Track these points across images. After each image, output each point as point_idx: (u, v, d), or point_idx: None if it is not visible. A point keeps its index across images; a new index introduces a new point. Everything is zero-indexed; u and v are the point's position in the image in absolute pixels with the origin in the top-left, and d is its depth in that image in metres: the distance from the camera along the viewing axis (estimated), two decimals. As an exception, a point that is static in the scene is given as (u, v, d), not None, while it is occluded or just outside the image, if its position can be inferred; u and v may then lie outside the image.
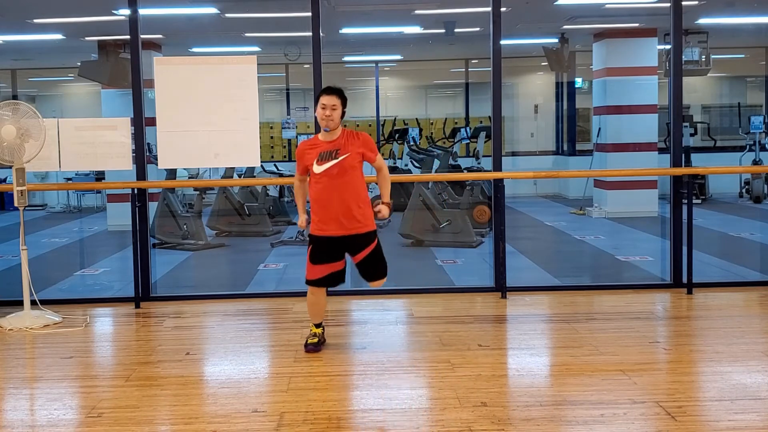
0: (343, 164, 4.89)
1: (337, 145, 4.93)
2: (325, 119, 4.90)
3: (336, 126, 4.94)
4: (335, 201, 4.88)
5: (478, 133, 13.23)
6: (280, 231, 11.39)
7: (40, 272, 7.41)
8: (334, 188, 4.88)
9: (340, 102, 4.95)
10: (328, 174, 4.88)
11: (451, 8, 9.74)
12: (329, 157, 4.90)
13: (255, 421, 3.98)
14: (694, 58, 11.84)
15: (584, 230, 11.14)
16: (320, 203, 4.93)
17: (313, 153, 4.96)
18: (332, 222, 4.91)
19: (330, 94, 4.95)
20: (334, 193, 4.88)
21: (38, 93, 18.05)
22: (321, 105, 4.93)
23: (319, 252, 4.99)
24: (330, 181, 4.88)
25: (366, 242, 4.98)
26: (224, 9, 9.29)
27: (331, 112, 4.91)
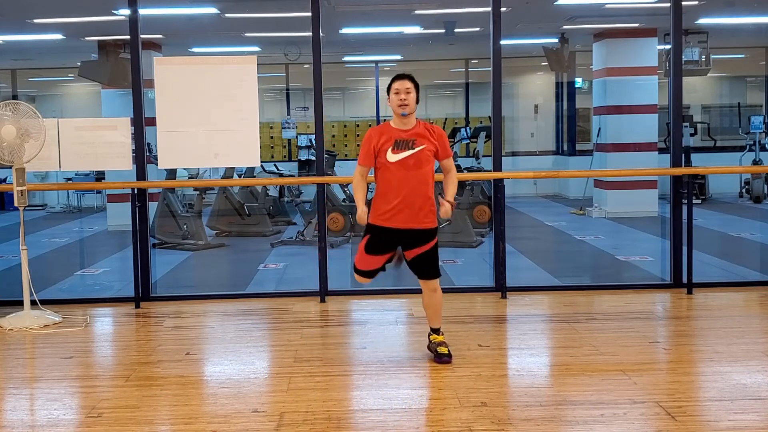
0: (420, 156, 4.69)
1: (414, 135, 4.73)
2: (401, 103, 4.70)
3: (413, 110, 4.75)
4: (408, 192, 4.67)
5: (478, 133, 13.24)
6: (280, 231, 11.40)
7: (40, 272, 7.41)
8: (408, 180, 4.67)
9: (413, 86, 4.77)
10: (403, 164, 4.67)
11: (451, 8, 9.74)
12: (405, 146, 4.69)
13: (255, 421, 3.98)
14: (694, 58, 11.85)
15: (584, 230, 11.14)
16: (391, 193, 4.69)
17: (386, 140, 4.72)
18: (400, 214, 4.69)
19: (401, 78, 4.78)
20: (407, 186, 4.66)
21: (38, 93, 18.05)
22: (394, 91, 4.74)
23: (378, 243, 4.77)
24: (405, 172, 4.66)
25: (427, 238, 4.79)
26: (224, 9, 9.29)
27: (406, 95, 4.72)
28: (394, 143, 4.69)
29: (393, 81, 4.79)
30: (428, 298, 4.91)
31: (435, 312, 4.93)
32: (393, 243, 4.79)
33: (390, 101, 4.78)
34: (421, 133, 4.74)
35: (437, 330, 4.96)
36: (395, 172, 4.67)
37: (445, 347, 4.87)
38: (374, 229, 4.78)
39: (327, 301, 6.64)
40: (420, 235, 4.76)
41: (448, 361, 4.80)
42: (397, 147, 4.69)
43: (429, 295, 4.90)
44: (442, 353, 4.84)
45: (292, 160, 16.20)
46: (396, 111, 4.74)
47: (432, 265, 4.85)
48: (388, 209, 4.70)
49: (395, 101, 4.73)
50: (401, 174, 4.66)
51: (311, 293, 6.82)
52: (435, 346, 4.90)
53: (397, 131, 4.75)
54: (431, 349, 4.93)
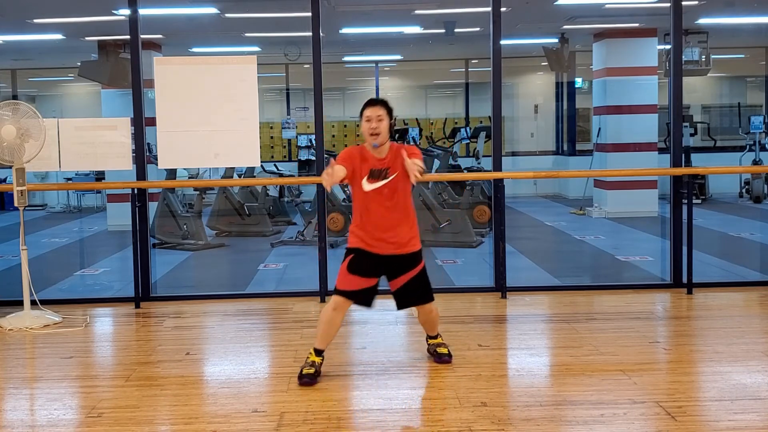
0: (394, 185, 4.53)
1: (387, 164, 4.54)
2: (372, 132, 4.48)
3: (384, 140, 4.51)
4: (384, 222, 4.54)
5: (478, 133, 13.24)
6: (280, 231, 11.40)
7: (40, 272, 7.41)
8: (384, 210, 4.54)
9: (385, 112, 4.53)
10: (378, 194, 4.52)
11: (451, 8, 9.74)
12: (380, 175, 4.52)
13: (255, 421, 3.98)
14: (694, 58, 11.84)
15: (584, 230, 11.14)
16: (367, 222, 4.57)
17: (363, 166, 4.54)
18: (381, 242, 4.56)
19: (373, 105, 4.55)
20: (383, 215, 4.54)
21: (38, 93, 18.05)
22: (365, 118, 4.52)
23: (360, 264, 4.58)
24: (381, 201, 4.53)
25: (412, 263, 4.63)
26: (224, 9, 9.29)
27: (377, 123, 4.48)
28: (369, 172, 4.53)
29: (365, 107, 4.58)
30: (424, 318, 4.84)
31: (432, 325, 4.90)
32: (377, 267, 4.60)
33: (362, 128, 4.56)
34: (392, 161, 4.55)
35: (435, 336, 4.95)
36: (370, 201, 4.54)
37: (445, 347, 4.88)
38: (356, 250, 4.61)
39: (327, 301, 6.62)
40: (403, 260, 4.62)
41: (449, 360, 4.80)
42: (372, 176, 4.53)
43: (425, 315, 4.82)
44: (443, 353, 4.84)
45: (292, 160, 16.21)
46: (367, 140, 4.55)
47: (424, 289, 4.70)
48: (367, 237, 4.57)
49: (366, 129, 4.52)
50: (376, 203, 4.54)
51: (311, 293, 6.83)
52: (434, 347, 4.89)
53: (372, 159, 4.56)
54: (431, 351, 4.91)
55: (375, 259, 4.59)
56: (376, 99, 4.62)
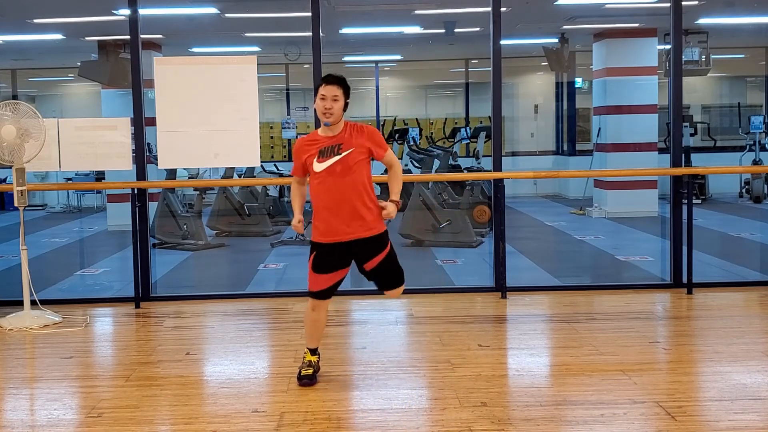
0: (347, 160, 4.32)
1: (339, 140, 4.37)
2: (326, 112, 4.33)
3: (337, 120, 4.38)
4: (340, 202, 4.34)
5: (478, 133, 13.24)
6: (280, 231, 11.39)
7: (40, 272, 7.41)
8: (338, 188, 4.33)
9: (342, 92, 4.37)
10: (330, 172, 4.33)
11: (451, 8, 9.74)
12: (331, 152, 4.34)
13: (255, 421, 3.98)
14: (694, 58, 11.84)
15: (584, 230, 11.14)
16: (323, 205, 4.39)
17: (312, 149, 4.39)
18: (338, 226, 4.36)
19: (330, 83, 4.36)
20: (337, 194, 4.33)
21: (38, 93, 18.05)
22: (320, 96, 4.35)
23: (324, 260, 4.43)
24: (333, 181, 4.32)
25: (378, 247, 4.43)
26: (224, 9, 9.29)
27: (332, 104, 4.33)
28: (318, 152, 4.37)
29: (320, 83, 4.40)
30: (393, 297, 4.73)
31: None
32: (343, 257, 4.43)
33: (315, 104, 4.40)
34: (347, 137, 4.39)
35: None
36: (324, 181, 4.35)
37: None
38: (318, 246, 4.45)
39: (327, 302, 6.62)
40: (368, 244, 4.41)
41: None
42: (322, 155, 4.35)
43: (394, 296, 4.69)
44: None
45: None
46: (320, 118, 4.39)
47: (395, 271, 4.51)
48: (325, 223, 4.41)
49: (320, 107, 4.35)
50: (330, 183, 4.34)
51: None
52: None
53: (323, 139, 4.41)
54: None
55: (339, 249, 4.40)
56: (333, 76, 4.42)
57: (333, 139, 4.40)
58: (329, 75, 4.43)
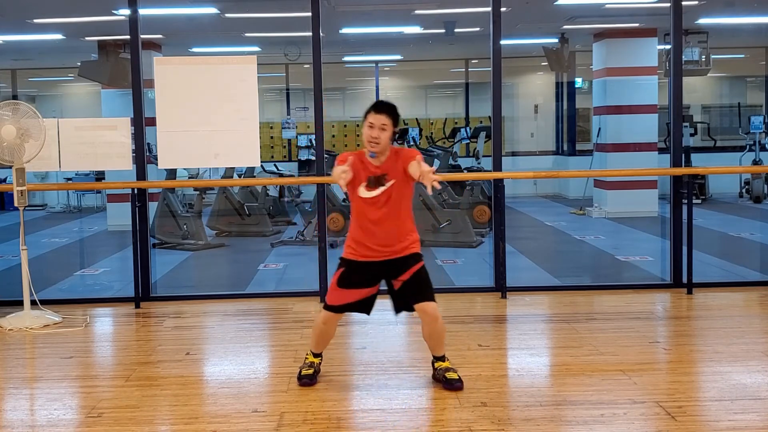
0: (391, 191, 4.25)
1: (385, 170, 4.27)
2: (372, 141, 4.20)
3: (383, 150, 4.24)
4: (380, 231, 4.29)
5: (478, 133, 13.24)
6: (280, 231, 11.40)
7: (40, 272, 7.41)
8: (381, 219, 4.27)
9: (390, 122, 4.22)
10: (374, 202, 4.26)
11: (451, 8, 9.74)
12: (377, 183, 4.26)
13: (255, 421, 3.98)
14: (694, 58, 11.84)
15: (584, 230, 11.14)
16: (362, 230, 4.31)
17: (362, 174, 4.28)
18: (377, 251, 4.31)
19: (379, 111, 4.22)
20: (380, 224, 4.28)
21: (38, 93, 18.05)
22: (368, 123, 4.21)
23: (352, 276, 4.36)
24: (378, 211, 4.26)
25: (412, 261, 4.34)
26: (224, 9, 9.29)
27: (379, 133, 4.19)
28: (367, 179, 4.28)
29: (370, 110, 4.26)
30: (429, 329, 4.37)
31: (439, 342, 4.43)
32: (373, 275, 4.36)
33: (363, 130, 4.27)
34: (391, 167, 4.27)
35: (442, 357, 4.49)
36: (368, 210, 4.29)
37: (455, 372, 4.40)
38: (348, 262, 4.38)
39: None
40: (401, 262, 4.34)
41: (460, 387, 4.32)
42: (370, 184, 4.28)
43: (429, 324, 4.34)
44: (452, 379, 4.36)
45: (292, 160, 16.21)
46: (365, 146, 4.26)
47: (425, 286, 4.33)
48: (361, 245, 4.33)
49: (366, 135, 4.22)
50: (374, 212, 4.27)
51: (311, 293, 6.83)
52: (443, 372, 4.41)
53: (370, 165, 4.30)
54: (438, 377, 4.44)
55: (370, 268, 4.34)
56: (383, 104, 4.29)
57: (379, 168, 4.29)
58: (380, 103, 4.31)
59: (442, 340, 4.44)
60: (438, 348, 4.46)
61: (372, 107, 4.27)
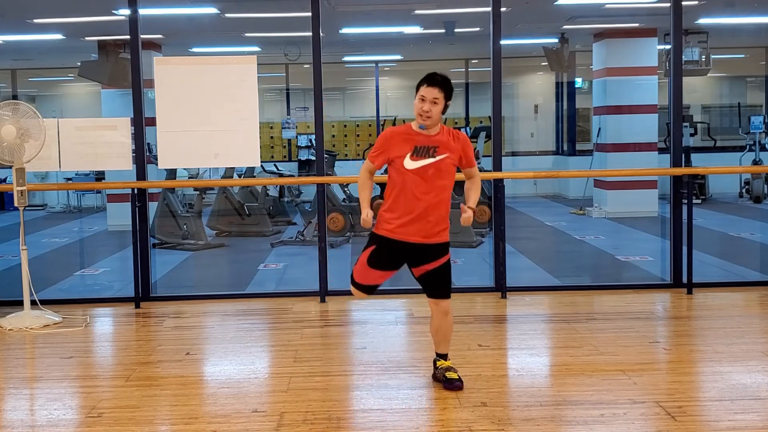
0: (441, 165, 4.19)
1: (436, 142, 4.19)
2: (423, 114, 4.13)
3: (435, 123, 4.19)
4: (423, 206, 4.19)
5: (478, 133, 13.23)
6: (280, 231, 11.40)
7: (40, 272, 7.41)
8: (425, 191, 4.18)
9: (443, 95, 4.14)
10: (422, 173, 4.16)
11: (451, 8, 9.74)
12: (425, 153, 4.16)
13: (255, 421, 3.98)
14: (694, 58, 11.85)
15: (584, 230, 11.14)
16: (405, 204, 4.19)
17: (406, 145, 4.17)
18: (413, 227, 4.19)
19: (432, 84, 4.13)
20: (424, 196, 4.18)
21: (38, 93, 18.05)
22: (419, 96, 4.15)
23: (383, 256, 4.27)
24: (423, 183, 4.16)
25: (438, 254, 4.30)
26: (224, 9, 9.29)
27: (431, 106, 4.12)
28: (413, 149, 4.17)
29: (422, 83, 4.18)
30: (438, 322, 4.39)
31: (444, 338, 4.44)
32: (400, 257, 4.30)
33: (414, 103, 4.20)
34: (444, 141, 4.22)
35: (444, 355, 4.48)
36: (412, 181, 4.17)
37: (455, 372, 4.39)
38: (381, 240, 4.27)
39: (327, 301, 6.63)
40: (431, 250, 4.28)
41: (460, 387, 4.32)
42: (417, 154, 4.16)
43: (439, 318, 4.37)
44: (452, 378, 4.35)
45: (292, 160, 16.21)
46: (416, 119, 4.21)
47: (444, 282, 4.34)
48: (399, 221, 4.21)
49: (417, 108, 4.16)
50: (418, 184, 4.17)
51: (311, 293, 6.83)
52: (443, 372, 4.41)
53: (418, 136, 4.21)
54: (439, 377, 4.43)
55: (400, 248, 4.25)
56: (436, 77, 4.18)
57: (429, 139, 4.21)
58: (433, 75, 4.19)
59: (448, 337, 4.46)
60: (444, 344, 4.47)
61: (425, 79, 4.18)
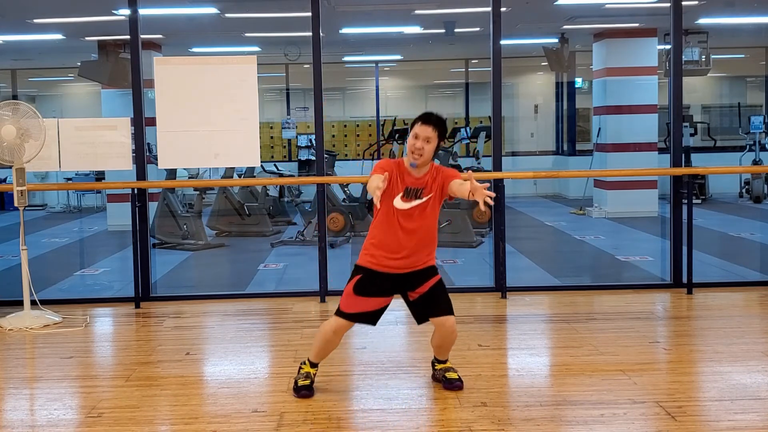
0: (425, 206, 4.19)
1: (422, 184, 4.19)
2: (415, 152, 4.12)
3: (425, 163, 4.17)
4: (406, 244, 4.20)
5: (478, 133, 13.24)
6: (280, 231, 11.40)
7: (40, 272, 7.41)
8: (409, 231, 4.19)
9: (436, 135, 4.13)
10: (407, 215, 4.17)
11: (451, 8, 9.74)
12: (414, 195, 4.18)
13: (255, 421, 3.98)
14: (694, 58, 11.84)
15: (584, 230, 11.14)
16: (387, 241, 4.21)
17: (400, 182, 4.18)
18: (396, 261, 4.22)
19: (426, 123, 4.13)
20: (410, 237, 4.19)
21: (38, 93, 18.06)
22: (413, 134, 4.15)
23: (369, 284, 4.25)
24: (409, 224, 4.18)
25: (430, 275, 4.32)
26: (224, 9, 9.29)
27: (423, 144, 4.11)
28: (404, 190, 4.18)
29: (417, 120, 4.18)
30: (443, 341, 4.38)
31: (447, 350, 4.45)
32: (389, 286, 4.28)
33: (408, 141, 4.21)
34: (429, 182, 4.20)
35: (443, 361, 4.50)
36: (399, 222, 4.18)
37: (454, 372, 4.42)
38: (365, 270, 4.26)
39: (327, 301, 6.63)
40: (419, 274, 4.29)
41: (460, 386, 4.33)
42: (406, 195, 4.17)
43: (446, 338, 4.35)
44: (452, 378, 4.38)
45: (292, 160, 16.21)
46: (408, 156, 4.20)
47: (444, 297, 4.32)
48: (383, 255, 4.22)
49: (410, 146, 4.16)
50: (405, 225, 4.18)
51: (311, 293, 6.83)
52: (443, 372, 4.43)
53: (410, 176, 4.20)
54: (438, 377, 4.45)
55: (387, 278, 4.26)
56: (431, 116, 4.18)
57: (417, 180, 4.21)
58: (429, 115, 4.19)
59: (450, 348, 4.46)
60: (444, 354, 4.48)
61: (420, 118, 4.19)
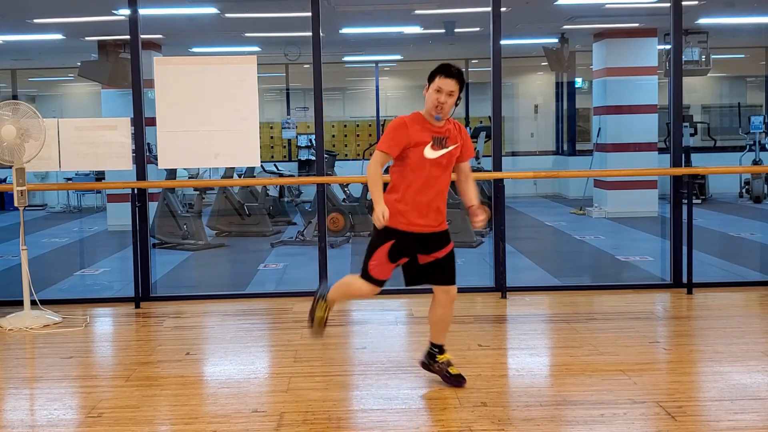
0: (451, 155, 4.23)
1: (446, 133, 4.22)
2: (439, 106, 4.14)
3: (447, 115, 4.25)
4: (436, 195, 4.21)
5: (478, 133, 13.25)
6: (280, 231, 11.40)
7: (40, 272, 7.41)
8: (438, 180, 4.19)
9: (458, 88, 4.16)
10: (437, 163, 4.17)
11: (451, 8, 9.74)
12: (441, 144, 4.19)
13: (255, 421, 3.98)
14: (694, 58, 11.85)
15: (584, 230, 11.14)
16: (419, 194, 4.18)
17: (425, 134, 4.17)
18: (425, 217, 4.22)
19: (449, 76, 4.13)
20: (436, 186, 4.20)
21: (38, 93, 18.06)
22: (435, 87, 4.15)
23: (401, 248, 4.22)
24: (436, 172, 4.17)
25: (447, 240, 4.37)
26: (224, 9, 9.29)
27: (446, 98, 4.14)
28: (432, 139, 4.17)
29: (438, 74, 4.17)
30: (443, 311, 4.41)
31: (445, 328, 4.48)
32: (414, 248, 4.27)
33: (427, 94, 4.21)
34: (452, 131, 4.27)
35: (441, 346, 4.48)
36: (429, 170, 4.16)
37: (454, 367, 4.45)
38: (399, 234, 4.19)
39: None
40: (440, 237, 4.33)
41: (464, 381, 4.38)
42: (435, 144, 4.17)
43: (446, 307, 4.41)
44: (457, 374, 4.40)
45: (292, 160, 16.21)
46: (429, 110, 4.21)
47: (453, 267, 4.41)
48: (414, 212, 4.19)
49: (432, 99, 4.16)
50: (433, 173, 4.18)
51: (311, 293, 6.77)
52: (446, 366, 4.43)
53: (432, 126, 4.21)
54: (440, 371, 4.45)
55: (414, 239, 4.24)
56: (453, 69, 4.17)
57: (441, 129, 4.23)
58: (449, 67, 4.18)
59: (447, 327, 4.51)
60: (442, 334, 4.49)
61: (442, 71, 4.17)
